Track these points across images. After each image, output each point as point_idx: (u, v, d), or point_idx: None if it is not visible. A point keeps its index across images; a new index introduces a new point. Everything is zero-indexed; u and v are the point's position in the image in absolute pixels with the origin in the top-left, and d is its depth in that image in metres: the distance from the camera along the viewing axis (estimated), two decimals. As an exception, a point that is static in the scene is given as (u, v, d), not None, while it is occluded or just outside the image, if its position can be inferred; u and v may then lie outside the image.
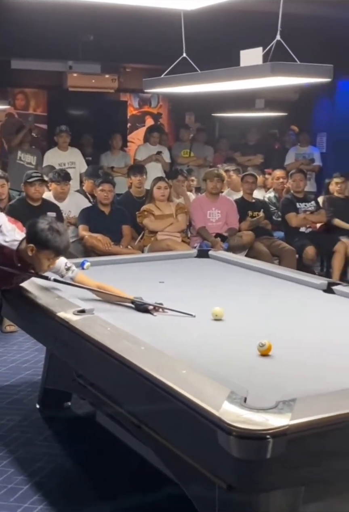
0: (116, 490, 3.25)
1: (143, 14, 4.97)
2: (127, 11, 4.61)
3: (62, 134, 8.32)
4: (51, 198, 6.51)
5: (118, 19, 6.01)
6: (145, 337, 2.66)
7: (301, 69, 3.23)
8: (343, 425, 1.96)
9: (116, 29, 6.96)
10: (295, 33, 5.26)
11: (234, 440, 1.88)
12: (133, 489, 3.23)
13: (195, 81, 3.84)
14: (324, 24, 6.81)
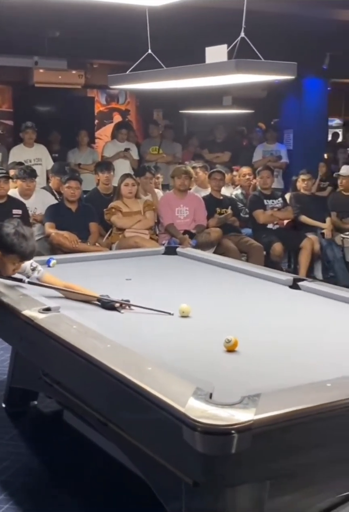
0: (83, 489, 3.24)
1: (109, 10, 4.95)
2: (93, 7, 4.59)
3: (27, 130, 8.22)
4: (17, 195, 6.45)
5: (85, 15, 5.97)
6: (111, 334, 2.65)
7: (265, 66, 3.25)
8: (307, 419, 1.98)
9: (82, 25, 6.92)
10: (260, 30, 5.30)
11: (199, 435, 1.88)
12: (100, 487, 3.22)
13: (160, 77, 3.84)
14: (290, 21, 6.86)
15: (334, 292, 3.47)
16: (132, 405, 2.26)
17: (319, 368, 2.42)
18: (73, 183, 6.43)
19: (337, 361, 2.51)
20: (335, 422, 2.06)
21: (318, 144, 10.17)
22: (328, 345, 2.74)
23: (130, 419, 2.34)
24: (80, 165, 8.75)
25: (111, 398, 2.44)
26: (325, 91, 10.39)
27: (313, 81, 9.92)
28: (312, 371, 2.36)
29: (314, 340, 2.81)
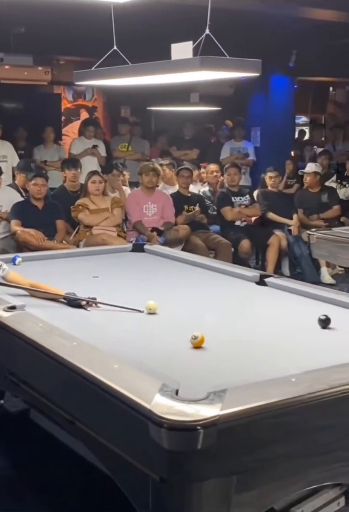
0: (51, 488, 3.22)
1: (75, 6, 4.91)
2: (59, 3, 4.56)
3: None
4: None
5: (50, 10, 5.92)
6: (77, 332, 2.64)
7: (230, 63, 3.26)
8: (272, 414, 1.99)
9: (48, 21, 6.86)
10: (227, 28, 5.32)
11: (165, 432, 1.88)
12: (68, 486, 3.21)
13: (125, 74, 3.83)
14: (256, 19, 6.89)
15: (300, 288, 3.50)
16: (99, 403, 2.26)
17: (284, 363, 2.44)
18: (39, 180, 6.38)
19: (302, 357, 2.53)
20: (300, 416, 2.08)
21: (285, 141, 10.25)
22: (294, 340, 2.77)
23: (97, 416, 2.33)
24: (46, 162, 8.69)
25: (78, 396, 2.42)
26: (292, 89, 10.48)
27: (279, 79, 10.00)
28: (278, 367, 2.38)
29: (280, 336, 2.84)
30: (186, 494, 2.15)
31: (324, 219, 7.84)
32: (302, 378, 2.17)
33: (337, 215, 7.99)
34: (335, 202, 8.02)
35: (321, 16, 7.19)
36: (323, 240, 5.31)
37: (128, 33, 4.70)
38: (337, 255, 5.24)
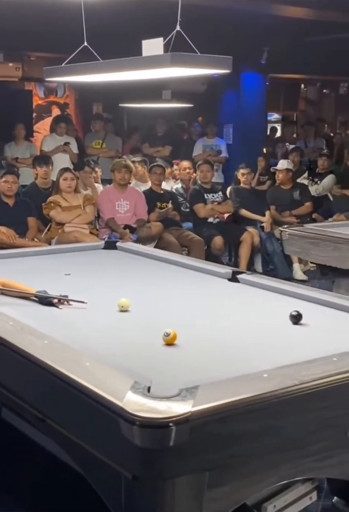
0: (23, 487, 3.19)
1: (46, 1, 4.87)
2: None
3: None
4: None
5: (21, 6, 5.86)
6: (49, 330, 2.61)
7: (200, 60, 3.26)
8: (244, 410, 2.00)
9: (18, 17, 6.79)
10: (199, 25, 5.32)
11: (137, 429, 1.88)
12: (41, 485, 3.18)
13: (95, 70, 3.81)
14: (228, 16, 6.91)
15: (272, 284, 3.52)
16: (71, 401, 2.24)
17: (256, 359, 2.44)
18: (10, 177, 6.33)
19: (274, 352, 2.54)
20: (272, 412, 2.09)
21: (257, 138, 10.31)
22: (265, 336, 2.78)
23: (69, 415, 2.32)
24: (17, 159, 8.62)
25: (49, 395, 2.40)
26: (264, 86, 10.54)
27: (251, 76, 10.05)
28: (250, 363, 2.38)
29: (252, 332, 2.85)
30: (158, 491, 2.14)
31: (296, 215, 7.90)
32: (273, 373, 2.18)
33: (309, 212, 8.06)
34: (307, 199, 8.08)
35: (293, 14, 7.23)
36: (295, 236, 5.34)
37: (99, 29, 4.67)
38: (309, 251, 5.27)
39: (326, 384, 2.15)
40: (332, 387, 2.16)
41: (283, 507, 2.65)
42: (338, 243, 4.94)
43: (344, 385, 2.19)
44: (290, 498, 2.69)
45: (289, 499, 2.69)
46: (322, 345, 2.58)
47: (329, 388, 2.16)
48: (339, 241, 4.94)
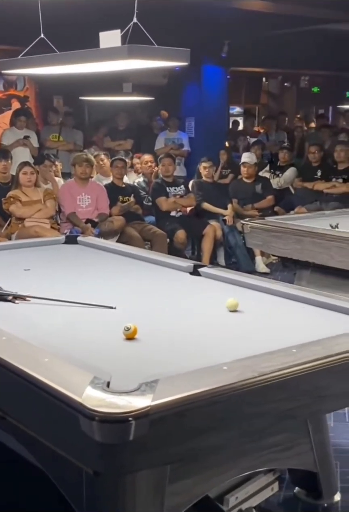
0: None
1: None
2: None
3: None
4: None
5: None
6: (7, 327, 2.58)
7: (158, 52, 3.24)
8: (204, 403, 2.00)
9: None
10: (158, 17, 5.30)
11: (97, 425, 1.86)
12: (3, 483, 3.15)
13: (52, 62, 3.77)
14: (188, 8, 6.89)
15: (234, 278, 3.52)
16: (30, 398, 2.22)
17: (216, 352, 2.45)
18: (-31, 171, 6.23)
19: (233, 345, 2.55)
20: (232, 404, 2.10)
21: (219, 132, 10.33)
22: (225, 329, 2.79)
23: (28, 411, 2.29)
24: (-24, 153, 8.47)
25: (9, 392, 2.37)
26: (225, 79, 10.57)
27: (212, 69, 10.06)
28: (210, 356, 2.38)
29: (212, 325, 2.85)
30: (120, 486, 2.15)
31: (258, 209, 7.94)
32: (233, 366, 2.18)
33: (271, 205, 8.11)
34: (269, 192, 8.13)
35: (253, 7, 7.26)
36: (257, 229, 5.37)
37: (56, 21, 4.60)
38: (270, 244, 5.31)
39: (285, 376, 2.17)
40: (291, 379, 2.18)
41: (245, 498, 2.67)
42: (300, 235, 4.98)
43: (303, 376, 2.21)
44: (252, 490, 2.72)
45: (251, 491, 2.71)
46: (281, 337, 2.60)
47: (288, 380, 2.18)
48: (300, 234, 4.99)
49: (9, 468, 3.19)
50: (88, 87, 8.85)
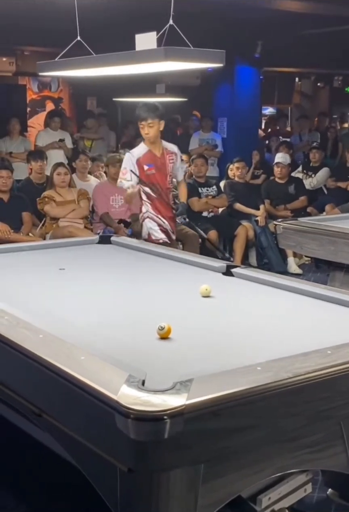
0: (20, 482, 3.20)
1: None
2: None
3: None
4: None
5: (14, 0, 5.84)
6: (44, 325, 2.61)
7: (194, 54, 3.27)
8: (238, 402, 2.01)
9: (12, 12, 6.77)
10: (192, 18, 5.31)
11: (132, 422, 1.89)
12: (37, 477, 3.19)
13: (89, 64, 3.81)
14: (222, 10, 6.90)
15: (267, 278, 3.52)
16: (66, 395, 2.25)
17: (250, 352, 2.45)
18: (4, 172, 6.33)
19: (267, 345, 2.55)
20: (266, 404, 2.10)
21: (252, 132, 10.30)
22: (259, 330, 2.79)
23: (65, 409, 2.32)
24: (11, 154, 8.60)
25: (45, 389, 2.41)
26: (258, 80, 10.53)
27: (245, 70, 10.04)
28: (244, 356, 2.39)
29: (246, 325, 2.86)
30: (153, 484, 2.15)
31: (290, 209, 7.91)
32: (267, 366, 2.19)
33: (304, 206, 8.07)
34: (302, 193, 8.09)
35: (287, 7, 7.23)
36: (289, 230, 5.35)
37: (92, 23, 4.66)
38: (303, 245, 5.28)
39: (320, 377, 2.16)
40: (326, 380, 2.18)
41: (278, 499, 2.66)
42: (333, 236, 4.95)
43: (338, 377, 2.20)
44: (285, 490, 2.70)
45: (284, 491, 2.70)
46: (316, 338, 2.59)
47: (323, 381, 2.17)
48: (333, 235, 4.95)
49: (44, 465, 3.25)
50: (121, 88, 8.91)
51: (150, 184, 5.35)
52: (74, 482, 2.84)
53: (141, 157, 5.32)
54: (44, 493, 3.14)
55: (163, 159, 5.39)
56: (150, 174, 5.34)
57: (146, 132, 5.25)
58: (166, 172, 5.41)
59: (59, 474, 3.10)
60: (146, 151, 5.35)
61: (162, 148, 5.41)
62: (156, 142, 5.36)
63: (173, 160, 5.47)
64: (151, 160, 5.34)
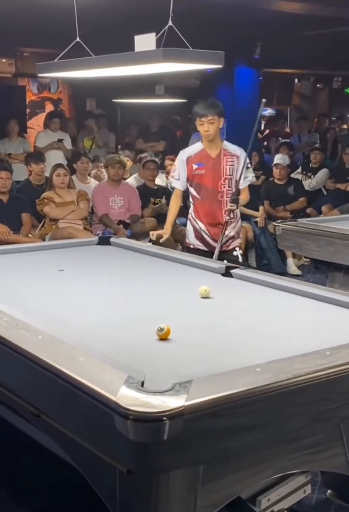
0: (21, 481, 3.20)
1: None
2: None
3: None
4: None
5: (13, 1, 5.85)
6: (43, 326, 2.61)
7: (193, 55, 3.27)
8: (237, 404, 2.01)
9: (11, 13, 6.77)
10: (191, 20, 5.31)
11: (131, 423, 1.89)
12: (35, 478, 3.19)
13: (88, 65, 3.81)
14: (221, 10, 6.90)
15: (265, 279, 3.52)
16: (65, 396, 2.25)
17: (249, 353, 2.45)
18: (4, 173, 6.34)
19: (266, 346, 2.55)
20: (266, 405, 2.11)
21: (251, 133, 10.27)
22: (258, 331, 2.79)
23: (63, 410, 2.32)
24: (10, 155, 8.60)
25: (44, 390, 2.41)
26: (257, 81, 10.53)
27: (245, 71, 10.05)
28: (243, 357, 2.39)
29: (245, 326, 2.86)
30: (153, 485, 2.15)
31: (290, 210, 7.91)
32: (267, 367, 2.19)
33: (303, 207, 8.07)
34: (301, 194, 8.09)
35: (286, 8, 7.24)
36: (289, 231, 5.35)
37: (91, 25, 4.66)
38: (302, 246, 5.28)
39: (319, 378, 2.16)
40: (325, 381, 2.18)
41: (277, 500, 2.66)
42: (332, 237, 4.95)
43: (337, 378, 2.20)
44: (285, 491, 2.70)
45: (283, 492, 2.70)
46: (315, 339, 2.59)
47: (322, 382, 2.17)
48: (333, 236, 4.96)
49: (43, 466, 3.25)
50: (120, 89, 8.92)
51: (196, 185, 5.03)
52: (73, 483, 2.84)
53: (192, 156, 5.01)
54: (43, 494, 3.14)
55: (219, 160, 4.99)
56: (198, 174, 5.00)
57: (206, 129, 4.87)
58: (220, 175, 4.98)
59: (58, 474, 3.10)
60: (199, 150, 5.03)
61: (220, 149, 5.01)
62: (214, 141, 4.98)
63: (232, 163, 5.02)
64: (203, 160, 4.99)
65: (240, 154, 5.07)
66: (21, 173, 7.73)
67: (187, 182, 5.06)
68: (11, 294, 3.24)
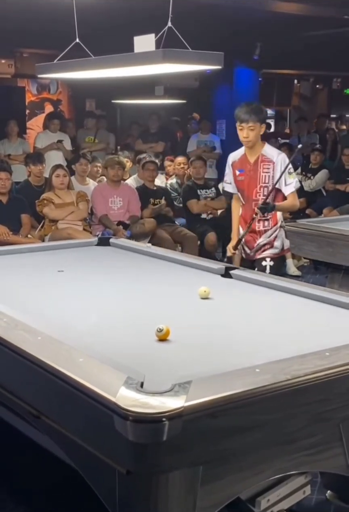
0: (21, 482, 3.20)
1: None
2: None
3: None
4: None
5: (13, 2, 5.85)
6: (43, 327, 2.61)
7: (192, 56, 3.27)
8: (237, 405, 2.01)
9: (10, 14, 6.78)
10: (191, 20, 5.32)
11: (131, 424, 1.89)
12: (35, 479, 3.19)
13: (87, 66, 3.82)
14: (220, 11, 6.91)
15: (265, 280, 3.52)
16: (65, 397, 2.25)
17: (249, 354, 2.46)
18: (3, 174, 6.34)
19: (266, 347, 2.56)
20: (264, 406, 2.11)
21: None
22: (258, 331, 2.79)
23: (63, 411, 2.32)
24: (10, 156, 8.61)
25: (44, 391, 2.41)
26: (257, 82, 10.54)
27: (244, 71, 10.05)
28: (242, 358, 2.39)
29: (244, 327, 2.86)
30: (152, 486, 2.15)
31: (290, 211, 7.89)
32: (266, 368, 2.19)
33: (303, 207, 8.07)
34: (300, 195, 8.08)
35: (285, 9, 7.23)
36: (288, 232, 5.35)
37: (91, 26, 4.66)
38: (302, 246, 5.28)
39: (319, 379, 2.17)
40: (324, 382, 2.18)
41: (277, 501, 2.66)
42: (331, 238, 4.95)
43: (337, 379, 2.20)
44: (284, 492, 2.71)
45: (282, 493, 2.70)
46: (315, 339, 2.59)
47: (322, 383, 2.17)
48: (332, 237, 4.96)
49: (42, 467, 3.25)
50: (120, 90, 8.93)
51: (239, 191, 4.89)
52: (73, 483, 2.84)
53: (236, 161, 4.88)
54: (43, 494, 3.14)
55: (256, 166, 4.76)
56: (240, 180, 4.85)
57: (245, 136, 4.68)
58: (256, 182, 4.76)
59: (58, 475, 3.10)
60: (241, 155, 4.86)
61: (259, 155, 4.75)
62: (254, 147, 4.75)
63: (268, 170, 4.73)
64: (243, 166, 4.83)
65: (276, 160, 4.73)
66: (20, 174, 7.73)
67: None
68: (11, 295, 3.24)
